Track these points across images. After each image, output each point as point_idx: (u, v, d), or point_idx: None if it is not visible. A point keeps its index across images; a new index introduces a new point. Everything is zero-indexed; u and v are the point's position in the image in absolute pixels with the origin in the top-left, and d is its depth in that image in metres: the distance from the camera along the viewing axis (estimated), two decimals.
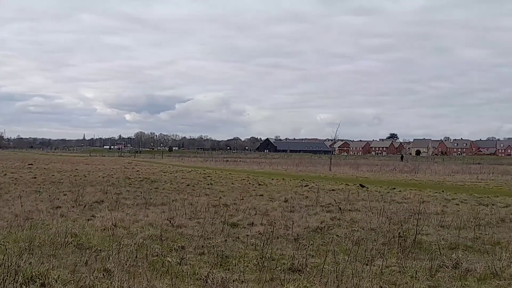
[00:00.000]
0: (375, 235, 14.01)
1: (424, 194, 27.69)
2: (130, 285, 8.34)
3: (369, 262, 10.65)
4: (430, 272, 9.90)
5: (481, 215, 18.41)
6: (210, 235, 13.32)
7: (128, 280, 8.56)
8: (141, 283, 8.46)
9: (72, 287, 8.31)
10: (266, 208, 19.62)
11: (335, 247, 12.03)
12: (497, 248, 12.45)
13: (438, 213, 19.07)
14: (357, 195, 26.10)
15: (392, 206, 21.13)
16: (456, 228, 15.31)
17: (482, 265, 10.38)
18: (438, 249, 11.89)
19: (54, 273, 8.91)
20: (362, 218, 17.21)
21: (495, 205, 22.51)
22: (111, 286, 8.36)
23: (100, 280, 8.68)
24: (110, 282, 8.53)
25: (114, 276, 8.80)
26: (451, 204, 22.99)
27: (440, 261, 10.70)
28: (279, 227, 14.81)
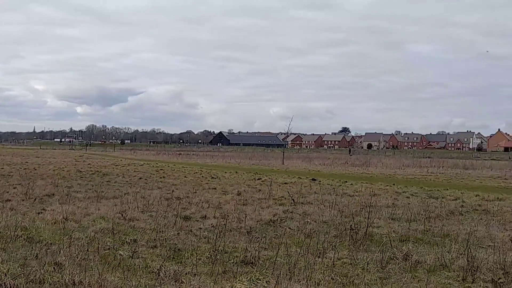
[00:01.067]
0: (327, 228, 14.13)
1: (375, 187, 28.02)
2: (82, 279, 8.25)
3: (321, 254, 10.73)
4: (381, 264, 10.02)
5: (431, 208, 18.70)
6: (162, 228, 13.27)
7: (80, 273, 8.48)
8: (93, 276, 8.38)
9: (22, 281, 8.19)
10: (219, 201, 19.61)
11: (288, 240, 12.09)
12: (446, 240, 12.67)
13: (389, 206, 19.32)
14: (310, 188, 26.27)
15: (344, 199, 21.33)
16: (407, 220, 15.53)
17: (432, 257, 10.55)
18: (389, 241, 12.02)
19: (3, 267, 8.78)
20: (315, 211, 17.34)
21: (444, 198, 22.87)
22: (62, 280, 8.27)
23: (50, 273, 8.58)
24: (61, 275, 8.44)
25: (65, 270, 8.70)
26: (401, 197, 23.30)
27: (391, 253, 10.84)
28: (232, 220, 14.82)
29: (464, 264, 9.78)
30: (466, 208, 19.47)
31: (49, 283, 8.22)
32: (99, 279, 8.29)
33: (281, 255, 10.24)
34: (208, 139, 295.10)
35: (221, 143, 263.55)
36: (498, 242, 12.58)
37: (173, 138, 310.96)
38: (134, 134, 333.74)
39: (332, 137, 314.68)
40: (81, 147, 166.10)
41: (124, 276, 8.60)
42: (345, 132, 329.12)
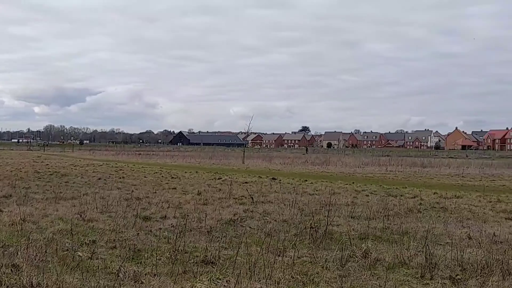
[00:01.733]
0: (287, 227, 14.18)
1: (335, 186, 28.19)
2: (40, 280, 8.15)
3: (281, 253, 10.75)
4: (341, 262, 10.08)
5: (389, 205, 18.86)
6: (122, 229, 13.17)
7: (38, 275, 8.36)
8: (51, 278, 8.28)
9: None
10: (179, 201, 19.54)
11: (248, 239, 12.08)
12: (405, 237, 12.79)
13: (349, 204, 19.46)
14: (270, 187, 26.31)
15: (304, 197, 21.42)
16: (366, 218, 15.66)
17: (390, 255, 10.65)
18: (349, 239, 12.11)
19: None
20: (275, 210, 17.37)
21: (403, 196, 23.12)
22: (19, 282, 8.15)
23: (8, 275, 8.45)
24: (19, 277, 8.32)
25: (23, 272, 8.58)
26: (361, 195, 23.48)
27: (350, 251, 10.92)
28: (192, 220, 14.78)
29: (422, 261, 9.90)
30: (425, 206, 19.71)
31: (7, 285, 8.10)
32: (58, 280, 8.20)
33: (241, 254, 10.24)
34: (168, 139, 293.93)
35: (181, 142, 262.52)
36: (456, 239, 12.77)
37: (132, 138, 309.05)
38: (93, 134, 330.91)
39: (292, 136, 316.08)
40: (39, 147, 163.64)
41: (83, 277, 8.51)
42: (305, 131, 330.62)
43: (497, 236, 12.99)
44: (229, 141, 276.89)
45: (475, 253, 10.72)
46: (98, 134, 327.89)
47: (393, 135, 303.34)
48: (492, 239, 12.62)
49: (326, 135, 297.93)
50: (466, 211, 18.34)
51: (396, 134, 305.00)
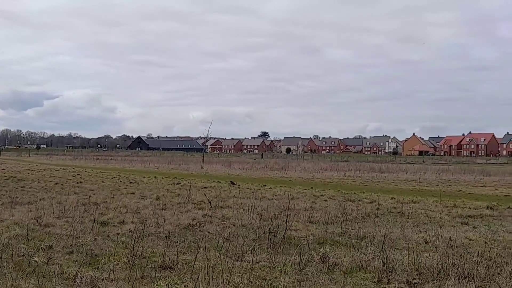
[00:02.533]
0: (246, 231, 14.18)
1: (294, 191, 28.28)
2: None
3: (240, 258, 10.76)
4: (299, 266, 10.11)
5: (348, 210, 18.99)
6: (79, 234, 13.04)
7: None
8: (6, 284, 8.16)
9: None
10: (138, 206, 19.43)
11: (207, 244, 12.06)
12: (362, 242, 12.87)
13: (307, 209, 19.51)
14: (229, 192, 26.29)
15: (263, 202, 21.43)
16: (324, 223, 15.72)
17: (348, 259, 10.72)
18: (307, 244, 12.15)
19: None
20: (234, 215, 17.36)
21: (361, 201, 23.30)
22: None
23: None
24: None
25: None
26: (319, 200, 23.59)
27: (309, 255, 10.95)
28: (150, 225, 14.70)
29: (379, 265, 9.97)
30: (382, 210, 19.89)
31: None
32: (13, 286, 8.09)
33: (199, 259, 10.22)
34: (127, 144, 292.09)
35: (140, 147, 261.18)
36: (413, 243, 12.89)
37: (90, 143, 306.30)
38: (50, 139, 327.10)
39: (252, 142, 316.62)
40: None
41: (39, 283, 8.40)
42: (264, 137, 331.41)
43: (453, 240, 13.15)
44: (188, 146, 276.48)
45: (431, 257, 10.85)
46: (56, 139, 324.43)
47: (351, 140, 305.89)
48: (448, 244, 12.78)
49: (285, 141, 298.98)
50: (423, 216, 18.55)
51: (355, 139, 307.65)
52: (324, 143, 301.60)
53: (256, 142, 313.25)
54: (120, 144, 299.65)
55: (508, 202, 24.19)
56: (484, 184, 40.55)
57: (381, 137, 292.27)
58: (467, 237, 14.05)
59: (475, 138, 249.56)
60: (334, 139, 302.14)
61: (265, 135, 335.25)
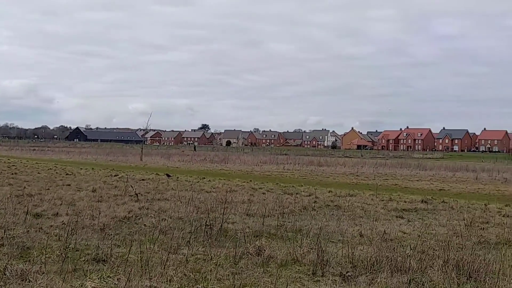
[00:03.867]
0: (182, 224, 14.10)
1: (232, 184, 28.28)
2: None
3: (175, 250, 10.69)
4: (234, 259, 10.09)
5: (285, 203, 19.08)
6: (11, 226, 12.73)
7: None
8: None
9: None
10: (73, 198, 19.14)
11: (142, 237, 11.96)
12: (298, 235, 12.93)
13: (245, 202, 19.50)
14: (167, 185, 26.12)
15: (201, 195, 21.36)
16: (261, 216, 15.70)
17: (283, 252, 10.76)
18: (243, 237, 12.15)
19: None
20: (171, 207, 17.26)
21: (299, 194, 23.44)
22: None
23: None
24: None
25: None
26: (258, 193, 23.64)
27: (244, 248, 10.93)
28: (85, 217, 14.48)
29: (314, 258, 10.01)
30: (319, 203, 20.03)
31: None
32: None
33: (134, 252, 10.11)
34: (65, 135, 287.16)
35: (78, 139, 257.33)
36: (348, 236, 13.02)
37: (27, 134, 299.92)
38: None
39: (192, 134, 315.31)
40: None
41: None
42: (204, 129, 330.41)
43: (387, 233, 13.32)
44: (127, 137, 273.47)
45: (365, 251, 10.96)
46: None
47: (291, 134, 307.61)
48: (383, 237, 12.94)
49: (226, 133, 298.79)
50: (359, 209, 18.77)
51: (295, 133, 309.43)
52: (264, 136, 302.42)
53: (196, 135, 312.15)
54: (58, 135, 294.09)
55: (442, 196, 24.68)
56: (420, 178, 41.30)
57: (321, 131, 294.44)
58: (401, 231, 14.27)
59: (412, 133, 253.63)
60: (275, 133, 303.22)
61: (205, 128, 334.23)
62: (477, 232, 14.46)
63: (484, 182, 38.73)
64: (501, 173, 50.26)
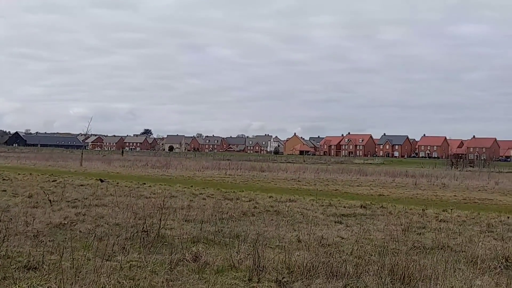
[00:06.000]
0: (119, 230, 13.88)
1: (173, 189, 28.08)
2: None
3: (110, 257, 10.50)
4: (170, 266, 9.97)
5: (225, 209, 19.01)
6: None
7: None
8: None
9: None
10: (8, 204, 18.71)
11: (77, 243, 11.75)
12: (236, 241, 12.84)
13: (184, 207, 19.34)
14: (106, 190, 25.73)
15: (140, 201, 21.13)
16: (200, 222, 15.60)
17: (220, 258, 10.68)
18: (180, 243, 12.04)
19: None
20: (108, 213, 17.01)
21: (239, 199, 23.39)
22: None
23: None
24: None
25: None
26: (198, 198, 23.51)
27: (181, 254, 10.82)
28: (18, 224, 14.13)
29: (251, 264, 9.96)
30: (259, 209, 20.02)
31: None
32: None
33: (67, 259, 9.88)
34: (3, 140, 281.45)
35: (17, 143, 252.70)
36: (286, 242, 13.03)
37: None
38: None
39: (134, 139, 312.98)
40: None
41: None
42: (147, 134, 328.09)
43: (325, 239, 13.39)
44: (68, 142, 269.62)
45: (302, 256, 10.92)
46: None
47: (234, 139, 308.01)
48: (320, 242, 12.99)
49: (168, 138, 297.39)
50: (298, 214, 18.82)
51: (238, 138, 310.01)
52: (207, 141, 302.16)
53: (138, 140, 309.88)
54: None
55: (381, 201, 24.97)
56: (360, 184, 41.75)
57: (264, 136, 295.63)
58: (339, 236, 14.35)
59: (353, 138, 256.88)
60: (218, 138, 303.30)
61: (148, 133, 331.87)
62: (414, 237, 14.68)
63: (422, 188, 39.34)
64: (439, 179, 51.14)
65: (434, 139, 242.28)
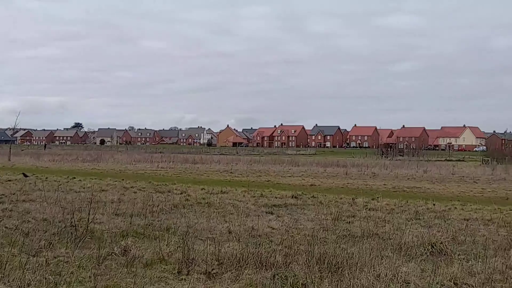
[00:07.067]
0: (47, 225, 13.61)
1: (104, 183, 27.75)
2: None
3: (36, 253, 10.31)
4: (98, 260, 9.83)
5: (156, 202, 18.85)
6: None
7: None
8: None
9: None
10: None
11: (2, 240, 11.47)
12: (166, 233, 12.77)
13: (115, 201, 19.12)
14: (34, 185, 25.22)
15: (69, 195, 20.79)
16: (130, 215, 15.45)
17: (150, 251, 10.61)
18: (110, 237, 11.91)
19: None
20: (36, 209, 16.68)
21: (171, 192, 23.27)
22: None
23: None
24: None
25: None
26: (129, 192, 23.32)
27: (110, 249, 10.71)
28: None
29: (180, 256, 9.92)
30: (191, 201, 19.97)
31: None
32: None
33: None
34: None
35: None
36: (217, 233, 13.04)
37: None
38: None
39: (64, 133, 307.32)
40: None
41: None
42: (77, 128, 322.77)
43: (255, 229, 13.44)
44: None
45: (232, 247, 10.95)
46: None
47: (167, 132, 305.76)
48: (251, 233, 13.04)
49: (100, 132, 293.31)
50: (230, 206, 18.84)
51: (170, 131, 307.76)
52: (139, 134, 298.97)
53: (69, 134, 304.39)
54: None
55: (312, 191, 25.24)
56: (292, 174, 42.13)
57: (197, 128, 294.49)
58: (270, 226, 14.46)
59: (286, 130, 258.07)
60: (150, 131, 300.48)
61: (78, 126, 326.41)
62: (343, 226, 14.88)
63: (353, 177, 39.94)
64: (370, 168, 52.03)
65: (365, 129, 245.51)
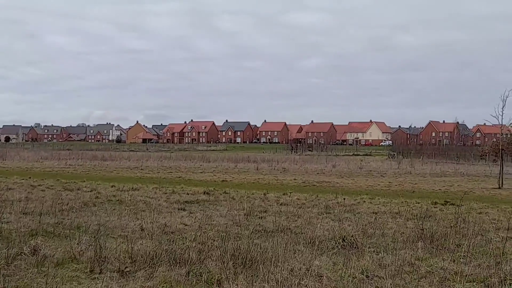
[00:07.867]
0: None
1: (9, 181, 27.01)
2: None
3: None
4: (7, 260, 9.56)
5: (65, 200, 18.52)
6: None
7: None
8: None
9: None
10: None
11: None
12: (77, 232, 12.52)
13: (22, 200, 18.64)
14: None
15: None
16: (39, 214, 15.07)
17: (61, 250, 10.40)
18: (18, 236, 11.61)
19: None
20: None
21: (80, 190, 22.91)
22: None
23: None
24: None
25: None
26: (36, 190, 22.81)
27: (19, 248, 10.42)
28: None
29: (92, 255, 9.76)
30: (101, 199, 19.71)
31: None
32: None
33: None
34: None
35: None
36: (129, 231, 12.90)
37: None
38: None
39: None
40: None
41: None
42: None
43: (168, 226, 13.39)
44: None
45: (145, 245, 10.84)
46: None
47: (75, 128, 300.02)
48: (164, 230, 12.98)
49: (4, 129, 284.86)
50: (141, 203, 18.70)
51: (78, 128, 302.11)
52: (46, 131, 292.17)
53: None
54: None
55: (224, 187, 25.31)
56: (204, 170, 42.16)
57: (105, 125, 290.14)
58: (183, 223, 14.41)
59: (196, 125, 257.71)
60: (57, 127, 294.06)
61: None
62: (256, 221, 14.99)
63: (264, 172, 40.31)
64: (280, 163, 52.63)
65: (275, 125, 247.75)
